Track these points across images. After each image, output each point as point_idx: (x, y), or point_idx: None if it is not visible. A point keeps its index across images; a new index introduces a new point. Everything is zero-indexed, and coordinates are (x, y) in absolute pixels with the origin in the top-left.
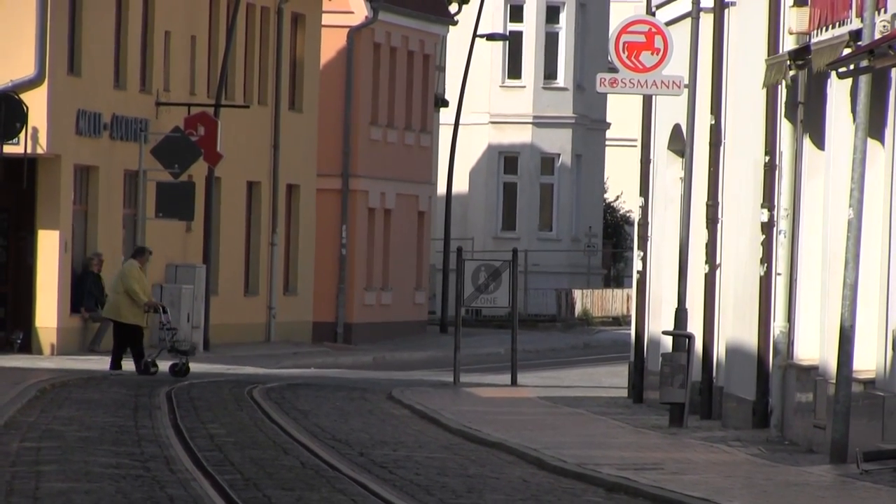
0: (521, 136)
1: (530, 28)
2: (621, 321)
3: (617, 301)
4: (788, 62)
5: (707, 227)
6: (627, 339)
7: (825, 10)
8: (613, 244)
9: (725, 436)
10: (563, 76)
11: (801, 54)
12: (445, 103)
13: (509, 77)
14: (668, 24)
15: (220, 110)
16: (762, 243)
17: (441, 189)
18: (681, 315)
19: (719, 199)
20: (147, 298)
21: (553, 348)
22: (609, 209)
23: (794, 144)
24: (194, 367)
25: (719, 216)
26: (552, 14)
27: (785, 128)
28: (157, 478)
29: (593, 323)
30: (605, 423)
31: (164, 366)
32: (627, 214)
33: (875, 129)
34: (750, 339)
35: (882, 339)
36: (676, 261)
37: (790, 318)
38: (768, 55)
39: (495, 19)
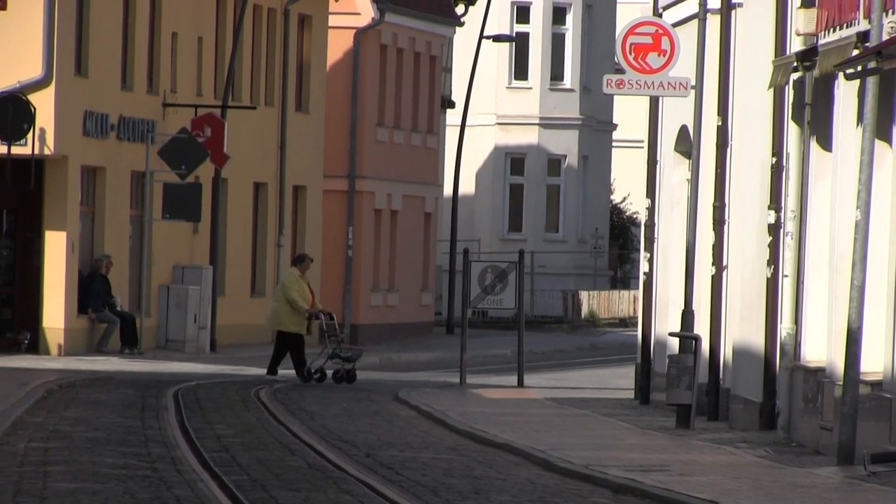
0: (527, 137)
1: (537, 29)
2: (628, 323)
3: (623, 302)
4: (796, 63)
5: (714, 229)
6: (634, 340)
7: (833, 12)
8: (620, 246)
9: (732, 437)
10: (570, 77)
11: (809, 55)
12: (452, 104)
13: (516, 78)
14: (675, 25)
15: (226, 111)
16: (769, 245)
17: (447, 190)
18: (687, 316)
19: (726, 201)
20: (307, 306)
21: (559, 350)
22: (616, 210)
23: (802, 146)
24: (199, 367)
25: (726, 218)
26: (559, 15)
27: (792, 129)
28: (164, 478)
29: (600, 324)
30: (612, 424)
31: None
32: (634, 216)
33: (882, 130)
34: (757, 340)
35: (889, 340)
36: (683, 262)
37: (797, 319)
38: (775, 56)
39: (502, 20)
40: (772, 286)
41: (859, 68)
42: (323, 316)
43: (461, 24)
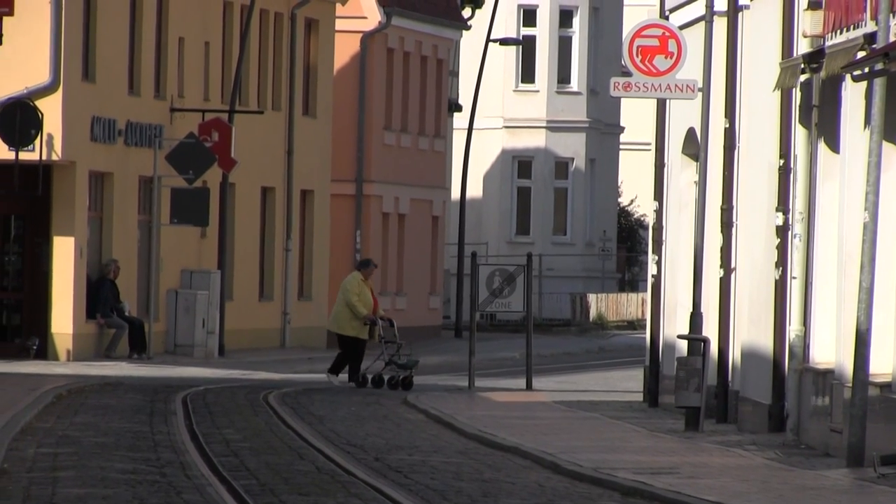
0: (534, 140)
1: (543, 32)
2: (636, 325)
3: (632, 305)
4: (803, 65)
5: (722, 231)
6: (642, 343)
7: (839, 13)
8: (628, 248)
9: (741, 440)
10: (577, 80)
11: (816, 57)
12: (459, 108)
13: (523, 81)
14: (682, 27)
15: (234, 116)
16: (777, 247)
17: (455, 194)
18: (696, 319)
19: (734, 203)
20: (366, 311)
21: (568, 352)
22: (623, 213)
23: (809, 148)
24: (208, 372)
25: (734, 220)
26: (565, 18)
27: (799, 131)
28: (174, 483)
29: (608, 327)
30: (621, 427)
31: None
32: (642, 218)
33: (890, 131)
34: (765, 342)
35: None
36: (691, 265)
37: (806, 321)
38: (782, 58)
39: (508, 24)
40: (780, 288)
41: (866, 70)
42: (382, 322)
43: (468, 28)
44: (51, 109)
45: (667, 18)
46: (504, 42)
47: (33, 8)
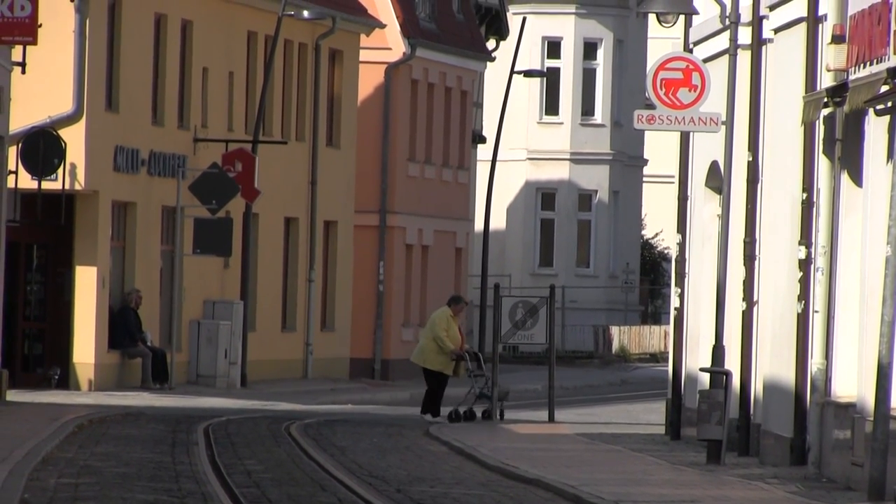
0: (558, 172)
1: (567, 64)
2: (659, 358)
3: (654, 337)
4: (826, 99)
5: (744, 264)
6: (665, 375)
7: (863, 47)
8: (651, 281)
9: (763, 473)
10: (601, 112)
11: (839, 91)
12: (483, 139)
13: (547, 113)
14: (706, 60)
15: (257, 146)
16: (800, 280)
17: (478, 225)
18: (718, 352)
19: (757, 236)
20: (454, 346)
21: (590, 385)
22: (647, 246)
23: (832, 181)
24: (230, 402)
25: (757, 253)
26: (589, 50)
27: (823, 165)
28: None
29: (631, 359)
30: (643, 459)
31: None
32: (665, 251)
33: None
34: (787, 376)
35: None
36: (714, 297)
37: (828, 355)
38: (806, 92)
39: (533, 56)
40: (802, 321)
41: (889, 104)
42: (468, 356)
43: (492, 59)
44: (74, 139)
45: (691, 51)
46: (528, 74)
47: (57, 37)
